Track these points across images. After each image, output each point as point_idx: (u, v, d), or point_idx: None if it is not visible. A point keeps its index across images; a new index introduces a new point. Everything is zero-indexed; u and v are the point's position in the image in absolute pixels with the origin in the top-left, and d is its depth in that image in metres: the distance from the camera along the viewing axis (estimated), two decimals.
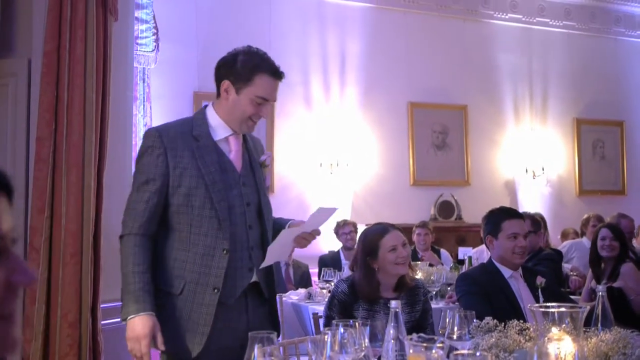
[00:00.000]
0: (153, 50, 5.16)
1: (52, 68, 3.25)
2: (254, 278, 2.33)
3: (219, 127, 2.33)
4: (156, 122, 5.83)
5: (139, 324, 2.14)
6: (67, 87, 3.26)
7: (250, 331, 2.29)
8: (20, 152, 3.56)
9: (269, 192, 2.60)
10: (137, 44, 4.82)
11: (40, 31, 3.36)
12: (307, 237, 2.32)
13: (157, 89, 5.98)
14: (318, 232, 2.35)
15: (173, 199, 2.24)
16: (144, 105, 5.28)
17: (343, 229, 6.23)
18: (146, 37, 5.01)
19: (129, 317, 2.17)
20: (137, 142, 5.18)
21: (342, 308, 2.92)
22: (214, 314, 2.22)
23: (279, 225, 2.46)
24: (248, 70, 2.25)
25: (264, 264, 2.31)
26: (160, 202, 2.25)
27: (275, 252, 2.32)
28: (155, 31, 5.16)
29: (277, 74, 2.29)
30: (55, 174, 3.24)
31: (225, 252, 2.24)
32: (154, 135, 2.27)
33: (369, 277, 2.93)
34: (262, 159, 2.46)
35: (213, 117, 2.34)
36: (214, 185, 2.24)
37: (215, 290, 2.22)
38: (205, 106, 2.40)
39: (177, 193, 2.23)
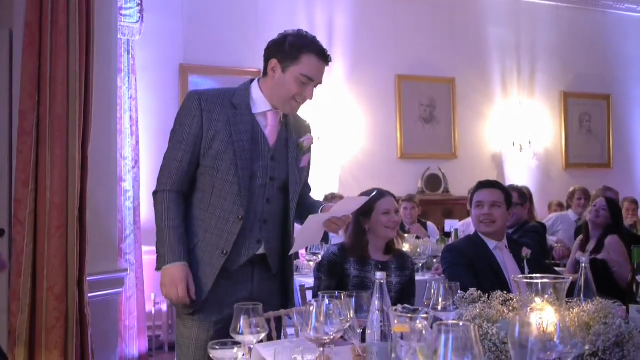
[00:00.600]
0: (137, 22, 5.08)
1: (34, 39, 3.19)
2: (262, 250, 2.40)
3: (259, 101, 2.40)
4: (141, 95, 5.78)
5: (175, 271, 2.27)
6: (50, 59, 3.20)
7: (255, 300, 2.37)
8: (3, 125, 3.51)
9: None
10: (121, 14, 4.75)
11: (22, 1, 3.30)
12: (337, 221, 2.37)
13: (142, 61, 5.90)
14: (349, 218, 2.41)
15: (203, 160, 2.34)
16: (128, 78, 5.21)
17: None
18: (130, 8, 4.94)
19: (165, 267, 2.29)
20: (122, 114, 5.13)
21: (331, 268, 3.08)
22: (217, 274, 2.32)
23: (312, 207, 2.51)
24: (296, 50, 2.32)
25: (294, 250, 2.43)
26: (192, 162, 2.34)
27: (305, 237, 2.40)
28: (140, 2, 5.08)
29: (324, 56, 2.37)
30: (39, 147, 3.20)
31: (239, 218, 2.32)
32: (194, 97, 2.36)
33: (359, 236, 3.12)
34: (300, 140, 2.53)
35: (256, 92, 2.41)
36: (242, 154, 2.31)
37: (224, 252, 2.32)
38: (251, 80, 2.46)
39: (207, 154, 2.32)
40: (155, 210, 2.37)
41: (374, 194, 2.55)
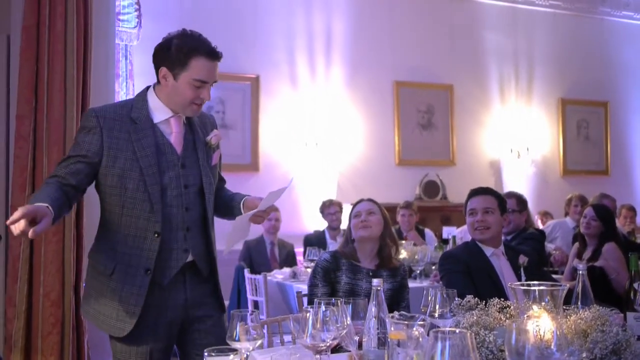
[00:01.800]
0: (135, 27, 5.08)
1: (31, 44, 3.19)
2: (190, 258, 2.33)
3: (159, 110, 2.31)
4: None
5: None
6: (47, 64, 3.20)
7: (189, 307, 2.34)
8: (0, 130, 3.51)
9: (254, 170, 2.63)
10: (119, 20, 4.75)
11: (20, 6, 3.30)
12: (262, 214, 2.34)
13: (140, 66, 5.90)
14: (274, 208, 2.38)
15: (106, 180, 2.24)
16: (126, 83, 5.22)
17: (329, 209, 6.23)
18: (128, 14, 4.94)
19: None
20: None
21: (324, 274, 3.10)
22: (145, 295, 2.23)
23: (233, 200, 2.47)
24: (183, 55, 2.23)
25: (227, 249, 2.34)
26: (87, 172, 2.22)
27: (234, 236, 2.35)
28: (138, 7, 5.09)
29: (213, 55, 2.27)
30: (37, 152, 3.20)
31: (156, 235, 2.23)
32: (92, 116, 2.25)
33: (346, 241, 3.23)
34: (208, 138, 2.42)
35: (154, 100, 2.32)
36: (149, 169, 2.23)
37: (148, 272, 2.23)
38: (147, 88, 2.37)
39: (110, 174, 2.23)
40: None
41: (290, 181, 2.51)
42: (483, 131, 8.43)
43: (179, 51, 2.24)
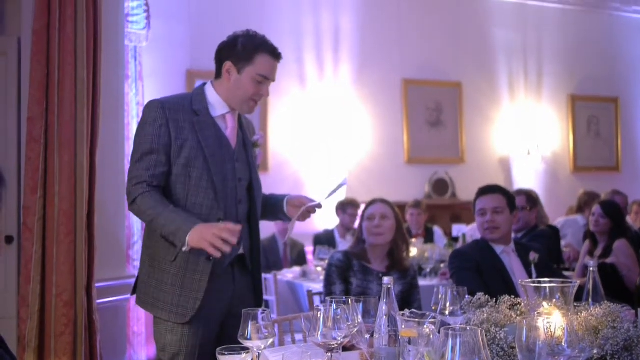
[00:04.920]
0: (144, 28, 5.10)
1: (42, 46, 3.21)
2: (241, 250, 2.44)
3: (217, 104, 2.42)
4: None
5: (201, 227, 2.19)
6: (58, 66, 3.22)
7: (235, 299, 2.41)
8: (12, 132, 3.54)
9: (263, 170, 2.72)
10: (128, 21, 4.77)
11: (30, 9, 3.32)
12: (311, 210, 2.49)
13: (149, 67, 5.93)
14: (321, 206, 2.50)
15: (172, 169, 2.32)
16: (136, 84, 5.23)
17: (349, 209, 6.21)
18: (137, 15, 4.96)
19: (188, 235, 2.19)
20: (130, 120, 5.15)
21: (340, 273, 3.10)
22: (207, 280, 2.31)
23: (275, 200, 2.59)
24: (249, 51, 2.35)
25: (287, 237, 2.67)
26: (164, 172, 2.32)
27: (291, 227, 2.51)
28: (147, 8, 5.10)
29: (276, 54, 2.41)
30: (48, 154, 3.22)
31: (219, 221, 2.31)
32: (157, 106, 2.33)
33: (357, 242, 3.20)
34: (255, 138, 2.58)
35: (212, 95, 2.43)
36: (213, 158, 2.33)
37: (210, 258, 2.30)
38: (204, 84, 2.47)
39: (176, 163, 2.31)
40: (142, 215, 2.29)
41: (345, 179, 2.54)
42: (492, 128, 8.40)
43: (245, 47, 2.36)
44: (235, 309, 2.40)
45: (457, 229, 6.47)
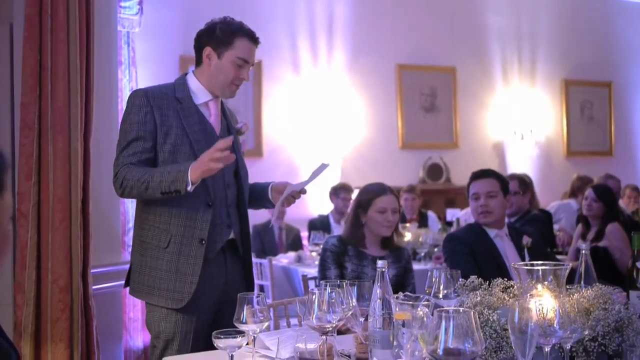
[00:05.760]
0: (137, 14, 5.07)
1: (34, 32, 3.19)
2: (232, 235, 2.47)
3: (199, 92, 2.46)
4: (142, 87, 5.77)
5: (194, 162, 2.24)
6: (50, 52, 3.20)
7: (228, 286, 2.45)
8: (5, 118, 3.52)
9: (257, 155, 2.74)
10: (121, 7, 4.73)
11: None
12: (296, 195, 2.48)
13: (142, 53, 5.90)
14: (304, 191, 2.49)
15: (158, 156, 2.36)
16: (129, 70, 5.21)
17: (343, 193, 6.22)
18: (130, 0, 4.93)
19: (188, 175, 2.23)
20: (123, 107, 5.12)
21: (334, 257, 3.10)
22: (201, 264, 2.34)
23: (260, 187, 2.61)
24: (228, 35, 2.40)
25: (274, 219, 2.62)
26: (149, 159, 2.35)
27: (276, 212, 2.54)
28: None
29: (254, 39, 2.46)
30: (42, 140, 3.21)
31: (209, 205, 2.36)
32: (141, 94, 2.38)
33: (355, 227, 3.13)
34: (238, 125, 2.62)
35: (194, 83, 2.47)
36: (198, 143, 2.36)
37: (202, 242, 2.34)
38: (185, 74, 2.52)
39: (162, 150, 2.35)
40: (135, 187, 2.29)
41: (324, 166, 2.53)
42: (486, 113, 8.41)
43: (224, 32, 2.41)
44: (229, 295, 2.44)
45: (451, 214, 6.50)
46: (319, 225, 6.02)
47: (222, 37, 2.40)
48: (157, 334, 2.40)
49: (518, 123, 8.47)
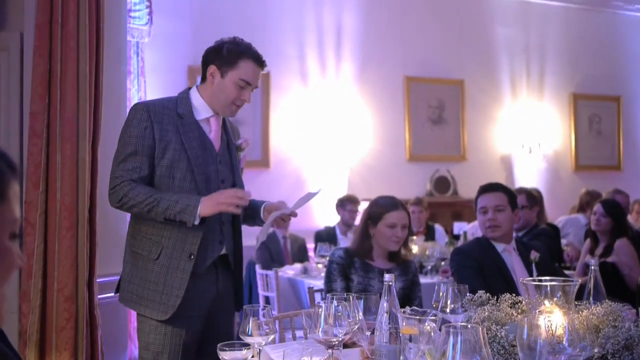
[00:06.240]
0: (147, 24, 5.10)
1: (44, 41, 3.21)
2: (224, 250, 2.48)
3: (201, 108, 2.48)
4: (150, 96, 5.79)
5: (206, 198, 2.29)
6: (60, 61, 3.22)
7: (218, 300, 2.48)
8: (14, 126, 3.53)
9: (264, 166, 2.75)
10: (131, 17, 4.77)
11: (32, 4, 3.32)
12: (286, 218, 2.48)
13: (151, 63, 5.93)
14: (295, 214, 2.49)
15: (156, 170, 2.38)
16: (138, 79, 5.24)
17: (349, 205, 6.21)
18: (139, 10, 4.96)
19: (198, 210, 2.28)
20: None
21: (341, 270, 3.08)
22: (187, 279, 2.36)
23: (254, 205, 2.60)
24: (233, 56, 2.42)
25: (258, 242, 2.56)
26: (147, 175, 2.37)
27: (263, 233, 2.53)
28: (149, 4, 5.10)
29: (259, 62, 2.47)
30: (50, 149, 3.22)
31: (203, 222, 2.35)
32: (142, 108, 2.40)
33: (364, 238, 3.12)
34: (238, 142, 2.62)
35: (197, 98, 2.49)
36: (196, 160, 2.39)
37: (191, 257, 2.36)
38: (189, 88, 2.55)
39: (160, 165, 2.37)
40: (137, 206, 2.32)
41: (319, 190, 2.54)
42: (494, 126, 8.39)
43: (230, 52, 2.43)
44: (218, 309, 2.49)
45: (459, 227, 6.47)
46: (325, 236, 6.00)
47: (228, 56, 2.42)
48: (145, 346, 2.42)
49: (526, 136, 8.44)
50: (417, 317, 1.58)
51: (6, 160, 0.85)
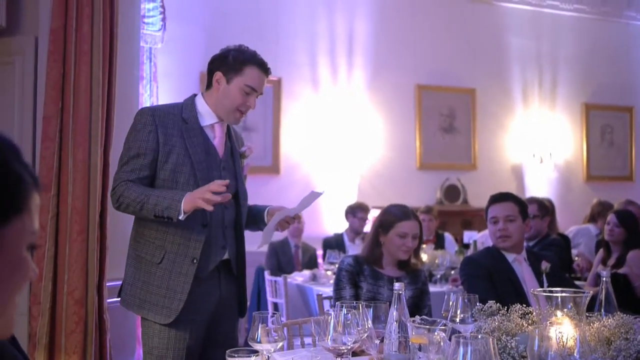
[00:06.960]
0: (160, 30, 5.13)
1: (58, 46, 3.24)
2: (226, 255, 2.50)
3: (206, 114, 2.51)
4: (162, 102, 5.82)
5: (189, 194, 2.28)
6: (74, 66, 3.25)
7: (221, 305, 2.49)
8: (27, 130, 3.56)
9: (274, 172, 2.75)
10: (144, 22, 4.79)
11: (47, 9, 3.35)
12: (289, 220, 2.51)
13: (164, 69, 5.96)
14: (299, 218, 2.50)
15: (159, 173, 2.40)
16: (150, 85, 5.27)
17: (360, 213, 6.20)
18: (153, 16, 4.99)
19: (181, 205, 2.27)
20: None
21: (350, 277, 3.08)
22: (190, 283, 2.37)
23: (257, 210, 2.64)
24: (239, 62, 2.46)
25: (261, 245, 2.57)
26: (148, 177, 2.39)
27: (267, 235, 2.53)
28: (162, 10, 5.13)
29: (265, 68, 2.51)
30: (62, 152, 3.24)
31: (204, 225, 2.40)
32: (147, 113, 2.44)
33: (374, 246, 3.11)
34: (242, 149, 2.64)
35: (202, 105, 2.52)
36: (199, 164, 2.42)
37: (194, 261, 2.38)
38: (194, 95, 2.57)
39: (163, 168, 2.40)
40: (131, 205, 2.33)
41: (322, 191, 2.54)
42: (505, 135, 8.37)
43: (236, 59, 2.47)
44: (221, 313, 2.50)
45: (468, 236, 6.44)
46: (334, 243, 5.99)
47: (234, 63, 2.45)
48: (149, 350, 2.43)
49: (537, 146, 8.41)
50: (427, 327, 1.57)
51: (29, 172, 0.86)
